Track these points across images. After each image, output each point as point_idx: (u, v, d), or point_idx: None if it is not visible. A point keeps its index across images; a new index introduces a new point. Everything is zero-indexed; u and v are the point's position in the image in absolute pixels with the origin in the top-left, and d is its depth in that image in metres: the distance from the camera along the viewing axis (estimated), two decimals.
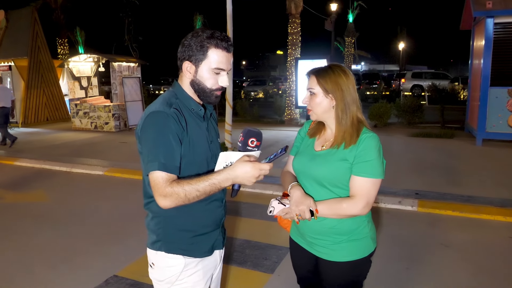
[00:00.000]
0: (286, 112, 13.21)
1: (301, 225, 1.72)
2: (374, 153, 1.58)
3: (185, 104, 1.56)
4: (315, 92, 1.65)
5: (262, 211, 4.70)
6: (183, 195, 1.37)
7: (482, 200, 4.71)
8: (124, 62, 11.91)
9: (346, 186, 1.63)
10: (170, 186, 1.38)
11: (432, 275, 3.17)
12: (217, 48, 1.49)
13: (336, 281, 1.71)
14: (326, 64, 1.76)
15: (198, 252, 1.59)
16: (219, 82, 1.54)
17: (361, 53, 31.67)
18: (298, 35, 13.19)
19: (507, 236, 3.90)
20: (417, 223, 4.27)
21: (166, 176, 1.40)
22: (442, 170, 6.21)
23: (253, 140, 1.44)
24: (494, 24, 7.77)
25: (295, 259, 1.90)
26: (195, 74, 1.53)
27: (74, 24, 19.82)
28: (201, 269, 1.61)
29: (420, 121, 11.41)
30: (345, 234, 1.66)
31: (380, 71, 37.28)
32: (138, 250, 3.66)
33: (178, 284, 1.57)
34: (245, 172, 1.38)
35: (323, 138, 1.74)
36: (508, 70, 7.86)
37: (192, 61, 1.52)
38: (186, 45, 1.52)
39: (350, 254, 1.66)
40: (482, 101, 8.03)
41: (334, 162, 1.62)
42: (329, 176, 1.62)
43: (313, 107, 1.67)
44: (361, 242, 1.68)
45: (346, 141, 1.61)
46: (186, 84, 1.58)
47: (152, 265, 1.62)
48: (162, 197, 1.39)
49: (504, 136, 8.02)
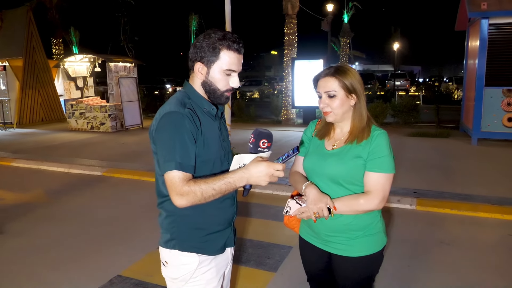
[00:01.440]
0: (283, 112, 13.25)
1: (316, 224, 1.75)
2: (386, 150, 1.64)
3: (198, 104, 1.59)
4: (336, 94, 1.67)
5: (263, 210, 4.73)
6: (200, 194, 1.40)
7: (479, 198, 4.78)
8: (120, 62, 11.88)
9: (360, 183, 1.67)
10: (187, 185, 1.40)
11: (433, 273, 3.22)
12: (229, 50, 1.52)
13: (352, 275, 1.75)
14: (331, 65, 1.79)
15: (211, 250, 1.61)
16: (230, 83, 1.57)
17: (356, 54, 31.81)
18: (294, 36, 13.24)
19: (505, 233, 3.96)
20: (416, 222, 4.32)
21: (182, 175, 1.42)
22: (439, 169, 6.28)
23: (264, 141, 1.46)
24: (489, 25, 7.87)
25: (306, 257, 1.93)
26: (206, 75, 1.56)
27: (70, 24, 19.74)
28: (214, 266, 1.63)
29: (416, 120, 11.52)
30: (361, 229, 1.70)
31: (375, 71, 37.46)
32: (141, 249, 3.67)
33: (192, 281, 1.59)
34: (259, 171, 1.40)
35: (332, 138, 1.78)
36: (502, 71, 7.97)
37: (204, 62, 1.54)
38: (198, 46, 1.54)
39: (365, 249, 1.71)
40: (477, 101, 8.13)
41: (349, 159, 1.66)
42: (344, 174, 1.66)
43: (334, 109, 1.68)
44: (375, 236, 1.73)
45: (359, 137, 1.67)
46: (197, 85, 1.60)
47: (165, 264, 1.63)
48: (179, 196, 1.41)
49: (499, 135, 8.13)
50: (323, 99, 1.69)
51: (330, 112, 1.69)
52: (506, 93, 7.90)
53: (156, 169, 1.61)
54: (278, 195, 5.38)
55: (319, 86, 1.71)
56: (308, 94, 11.78)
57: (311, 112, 12.13)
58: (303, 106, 12.21)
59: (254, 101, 21.89)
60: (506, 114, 7.94)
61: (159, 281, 3.09)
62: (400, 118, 11.50)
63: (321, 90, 1.69)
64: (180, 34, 7.57)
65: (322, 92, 1.69)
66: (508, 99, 7.89)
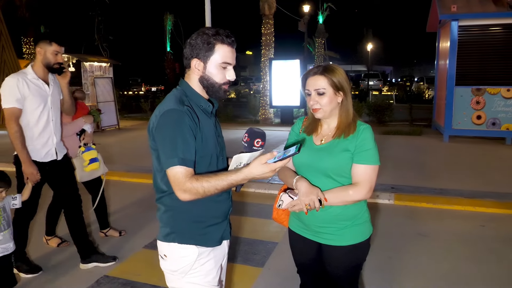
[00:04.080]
0: (261, 112, 13.35)
1: (306, 216, 1.83)
2: (372, 143, 1.76)
3: (195, 101, 1.64)
4: (325, 92, 1.75)
5: (247, 208, 4.79)
6: (202, 191, 1.47)
7: (453, 192, 5.01)
8: (96, 62, 11.67)
9: (348, 175, 1.77)
10: (189, 182, 1.46)
11: (413, 263, 3.37)
12: (223, 44, 1.59)
13: (342, 264, 1.85)
14: (319, 64, 1.88)
15: (210, 241, 1.67)
16: (226, 76, 1.64)
17: (330, 54, 32.29)
18: (271, 36, 13.37)
19: (477, 224, 4.18)
20: (395, 216, 4.49)
21: (185, 171, 1.48)
22: (414, 165, 6.52)
23: (258, 140, 1.55)
24: (459, 27, 8.22)
25: (297, 249, 2.00)
26: (203, 70, 1.61)
27: (40, 22, 19.15)
28: (213, 258, 1.69)
29: (390, 119, 11.87)
30: (349, 219, 1.80)
31: (348, 71, 38.13)
32: (127, 250, 3.65)
33: (192, 273, 1.64)
34: (261, 172, 1.46)
35: (320, 133, 1.86)
36: (471, 71, 8.34)
37: (200, 58, 1.60)
38: (192, 44, 1.60)
39: (354, 238, 1.81)
40: (448, 99, 8.47)
41: (338, 153, 1.75)
42: (334, 167, 1.75)
43: (323, 106, 1.76)
44: (362, 226, 1.84)
45: (346, 132, 1.77)
46: (194, 81, 1.65)
47: (164, 257, 1.67)
48: (182, 191, 1.48)
49: (469, 132, 8.50)
50: (313, 96, 1.77)
51: (319, 109, 1.77)
52: (475, 92, 8.27)
53: (154, 165, 1.64)
54: (261, 193, 5.45)
55: (308, 84, 1.78)
56: (285, 94, 11.92)
57: (288, 111, 12.29)
58: (281, 105, 12.34)
59: (231, 101, 21.90)
60: (475, 112, 8.31)
61: (147, 280, 3.10)
62: (375, 117, 11.82)
63: (311, 88, 1.77)
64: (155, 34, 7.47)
65: (312, 90, 1.76)
66: (477, 97, 8.27)
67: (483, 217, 4.39)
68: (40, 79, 3.07)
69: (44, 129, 3.11)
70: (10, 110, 2.93)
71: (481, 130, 8.36)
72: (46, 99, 3.10)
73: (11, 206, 2.93)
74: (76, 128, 3.65)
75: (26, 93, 2.97)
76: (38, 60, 3.06)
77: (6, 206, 2.87)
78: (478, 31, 8.32)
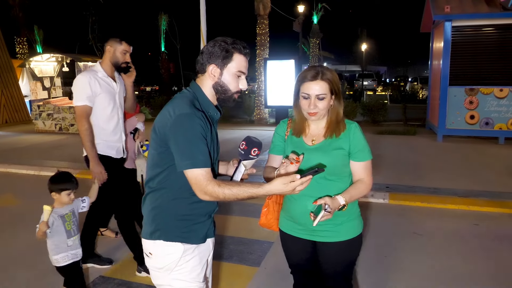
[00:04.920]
0: (256, 112, 13.35)
1: (301, 216, 1.84)
2: (365, 140, 1.84)
3: (205, 107, 1.67)
4: (325, 97, 1.77)
5: (242, 208, 4.79)
6: (222, 197, 1.53)
7: (447, 191, 5.05)
8: (90, 62, 11.61)
9: (339, 173, 1.82)
10: (211, 186, 1.52)
11: (407, 261, 3.40)
12: (240, 54, 1.66)
13: (337, 260, 1.88)
14: (313, 65, 1.91)
15: (195, 239, 1.70)
16: (239, 85, 1.69)
17: (325, 54, 32.31)
18: (266, 36, 13.37)
19: (471, 223, 4.22)
20: (390, 215, 4.52)
21: (205, 173, 1.53)
22: (409, 165, 6.56)
23: (255, 149, 1.67)
24: (452, 27, 8.28)
25: (291, 250, 2.01)
26: (219, 77, 1.66)
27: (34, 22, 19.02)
28: (198, 254, 1.73)
29: (384, 119, 11.92)
30: (344, 215, 1.83)
31: (343, 71, 38.23)
32: (124, 250, 3.64)
33: (178, 269, 1.68)
34: (282, 190, 1.50)
35: (309, 134, 1.88)
36: (465, 71, 8.40)
37: (217, 64, 1.64)
38: (210, 51, 1.65)
39: (349, 233, 1.86)
40: (442, 99, 8.53)
41: (332, 151, 1.79)
42: (330, 165, 1.78)
43: (321, 110, 1.78)
44: (356, 221, 1.90)
45: (336, 131, 1.81)
46: (207, 87, 1.68)
47: (149, 255, 1.70)
48: (203, 193, 1.53)
49: (463, 132, 8.57)
50: (313, 101, 1.76)
51: (316, 113, 1.78)
52: (468, 92, 8.34)
53: (151, 160, 1.67)
54: None
55: (307, 88, 1.77)
56: (280, 94, 11.93)
57: (283, 111, 12.29)
58: (276, 105, 12.35)
59: None
60: (468, 112, 8.38)
61: (142, 280, 3.10)
62: (370, 117, 11.87)
63: (311, 92, 1.76)
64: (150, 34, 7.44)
65: (312, 95, 1.76)
66: (470, 97, 8.33)
67: (477, 215, 4.43)
68: (109, 77, 3.07)
69: (115, 125, 3.13)
70: (81, 108, 2.92)
71: (474, 130, 8.42)
72: (115, 96, 3.11)
73: (80, 210, 2.69)
74: (130, 126, 3.63)
75: (98, 91, 2.96)
76: (106, 58, 3.05)
77: (75, 209, 2.62)
78: (472, 32, 8.39)
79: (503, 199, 4.71)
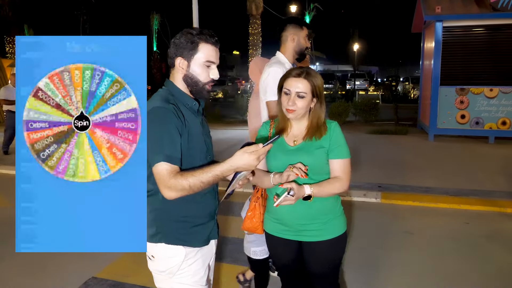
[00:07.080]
0: None
1: (287, 217, 1.86)
2: (343, 138, 1.85)
3: (180, 100, 1.64)
4: (305, 96, 1.78)
5: (233, 208, 4.79)
6: (188, 186, 1.46)
7: (438, 190, 5.10)
8: None
9: (322, 171, 1.82)
10: (174, 178, 1.46)
11: (401, 260, 3.42)
12: (207, 43, 1.61)
13: (326, 259, 1.89)
14: (301, 66, 1.91)
15: (196, 241, 1.67)
16: (210, 75, 1.65)
17: (317, 54, 32.41)
18: (258, 36, 13.40)
19: (462, 222, 4.26)
20: (382, 214, 4.55)
21: (170, 167, 1.48)
22: (400, 164, 6.61)
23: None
24: (443, 27, 8.36)
25: (277, 252, 2.01)
26: (187, 69, 1.63)
27: (24, 21, 18.81)
28: (200, 257, 1.70)
29: (376, 119, 12.00)
30: (330, 212, 1.86)
31: (335, 71, 38.41)
32: None
33: (180, 273, 1.65)
34: (247, 161, 1.47)
35: (291, 134, 1.89)
36: (456, 71, 8.49)
37: (184, 56, 1.62)
38: (177, 43, 1.62)
39: (336, 230, 1.88)
40: (433, 99, 8.60)
41: (315, 150, 1.80)
42: (314, 164, 1.79)
43: (299, 108, 1.79)
44: (341, 218, 1.92)
45: (317, 134, 1.82)
46: (178, 80, 1.66)
47: (151, 258, 1.67)
48: (167, 188, 1.47)
49: (453, 131, 8.65)
50: (292, 97, 1.78)
51: (294, 111, 1.79)
52: (459, 92, 8.42)
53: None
54: (250, 192, 5.44)
55: (289, 84, 1.80)
56: None
57: None
58: None
59: (218, 101, 21.84)
60: (459, 111, 8.47)
61: (136, 281, 3.08)
62: (362, 117, 11.93)
63: (292, 88, 1.78)
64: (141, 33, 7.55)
65: (293, 91, 1.78)
66: (461, 97, 8.42)
67: (468, 214, 4.48)
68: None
69: None
70: (273, 104, 2.52)
71: (465, 129, 8.51)
72: None
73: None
74: None
75: None
76: (289, 47, 2.75)
77: None
78: (462, 32, 8.47)
79: (493, 198, 4.76)
